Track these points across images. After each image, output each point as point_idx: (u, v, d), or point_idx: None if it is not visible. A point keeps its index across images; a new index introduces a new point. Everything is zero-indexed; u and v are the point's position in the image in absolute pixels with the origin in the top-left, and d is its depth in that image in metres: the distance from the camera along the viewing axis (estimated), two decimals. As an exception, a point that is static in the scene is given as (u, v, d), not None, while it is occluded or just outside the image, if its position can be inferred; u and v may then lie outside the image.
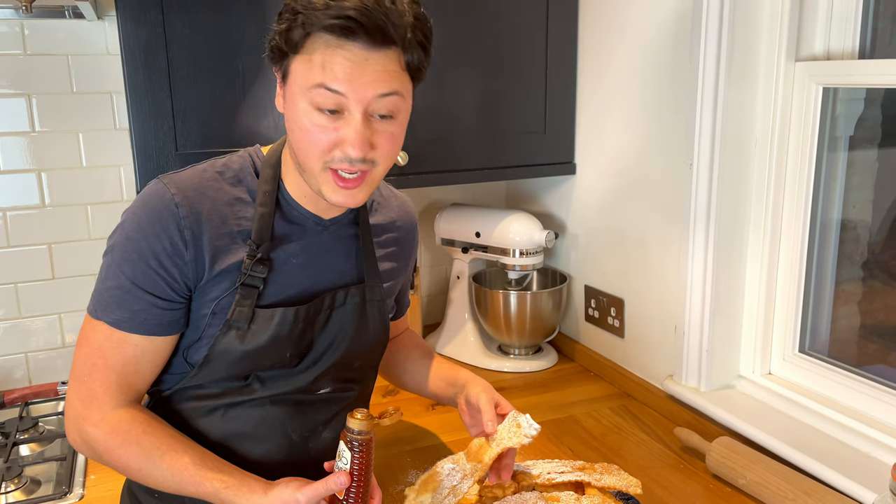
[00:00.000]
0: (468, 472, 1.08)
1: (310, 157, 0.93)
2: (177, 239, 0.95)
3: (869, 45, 1.28)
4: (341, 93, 0.89)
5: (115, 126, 1.67)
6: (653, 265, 1.56)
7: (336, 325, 1.07)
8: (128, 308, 0.96)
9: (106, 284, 0.97)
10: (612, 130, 1.64)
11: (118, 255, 0.96)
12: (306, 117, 0.91)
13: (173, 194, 0.96)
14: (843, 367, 1.32)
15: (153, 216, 0.96)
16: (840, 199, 1.37)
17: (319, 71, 0.89)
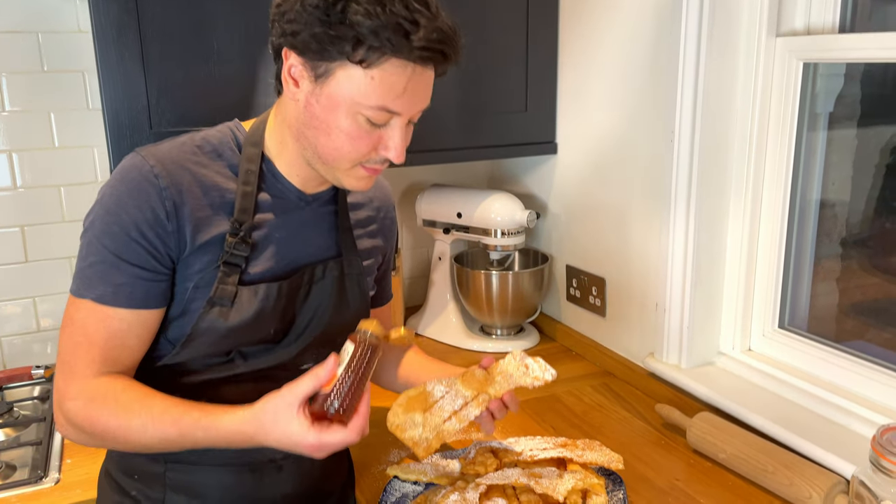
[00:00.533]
0: (470, 399, 1.03)
1: (345, 159, 0.95)
2: (159, 210, 0.94)
3: (849, 19, 1.28)
4: (399, 113, 0.92)
5: (87, 105, 1.64)
6: (634, 244, 1.55)
7: (316, 300, 1.06)
8: (111, 282, 0.94)
9: (87, 261, 0.95)
10: (594, 109, 1.63)
11: (98, 229, 0.94)
12: (351, 124, 0.91)
13: (152, 166, 0.94)
14: (823, 343, 1.33)
15: (133, 188, 0.94)
16: (819, 176, 1.37)
17: (386, 94, 0.89)
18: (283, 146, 1.00)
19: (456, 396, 1.03)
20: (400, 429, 1.01)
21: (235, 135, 1.02)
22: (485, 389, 1.04)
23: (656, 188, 1.46)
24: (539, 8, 1.67)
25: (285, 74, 0.93)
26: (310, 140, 0.95)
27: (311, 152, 0.97)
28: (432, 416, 1.01)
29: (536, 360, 1.05)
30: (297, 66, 0.91)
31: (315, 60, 0.89)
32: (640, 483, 1.19)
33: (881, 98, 1.32)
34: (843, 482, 1.09)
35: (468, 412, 1.01)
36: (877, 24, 1.27)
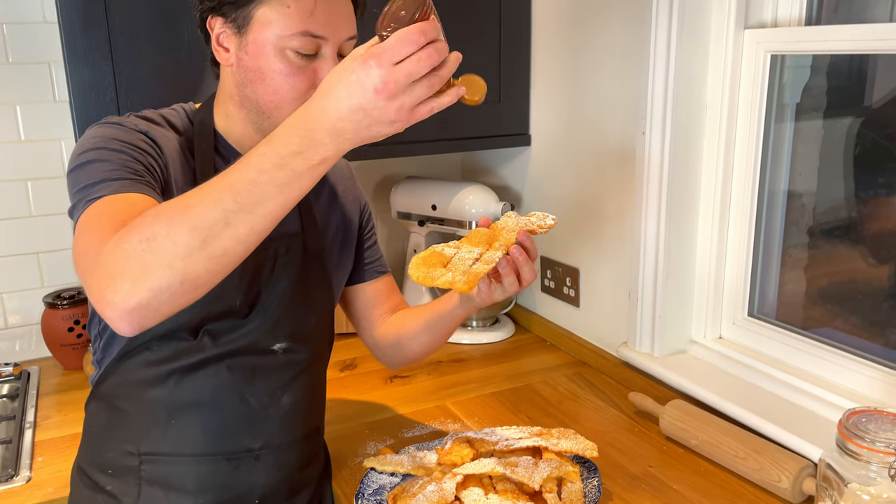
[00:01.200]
0: (484, 251, 0.96)
1: (286, 101, 0.94)
2: (153, 145, 0.94)
3: (815, 12, 1.30)
4: (323, 37, 0.92)
5: (54, 98, 1.61)
6: (607, 234, 1.57)
7: (280, 274, 1.05)
8: (122, 179, 0.85)
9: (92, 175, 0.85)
10: (566, 101, 1.64)
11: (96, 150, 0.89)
12: (281, 62, 0.92)
13: (136, 124, 0.95)
14: (791, 330, 1.36)
15: (126, 127, 0.94)
16: (787, 166, 1.39)
17: (303, 17, 0.91)
18: (230, 119, 1.02)
19: (468, 252, 0.96)
20: (428, 279, 0.92)
21: (187, 111, 1.05)
22: (493, 242, 0.99)
23: (628, 180, 1.48)
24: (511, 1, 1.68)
25: (215, 45, 0.97)
26: (250, 97, 0.96)
27: (255, 111, 0.97)
28: (456, 266, 0.93)
29: (534, 214, 1.03)
30: (222, 30, 0.96)
31: (233, 13, 0.93)
32: (614, 470, 1.21)
33: (847, 89, 1.34)
34: (811, 466, 1.11)
35: (491, 255, 0.95)
36: (842, 17, 1.29)
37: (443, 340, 1.20)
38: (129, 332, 0.73)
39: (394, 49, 0.69)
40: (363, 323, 1.26)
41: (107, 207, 0.81)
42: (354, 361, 1.66)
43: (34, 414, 1.45)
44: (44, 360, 1.68)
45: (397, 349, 1.23)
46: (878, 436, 0.88)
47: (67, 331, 1.60)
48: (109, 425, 1.04)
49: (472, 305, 1.10)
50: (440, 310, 1.16)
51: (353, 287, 1.24)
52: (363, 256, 1.24)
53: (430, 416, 1.41)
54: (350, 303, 1.26)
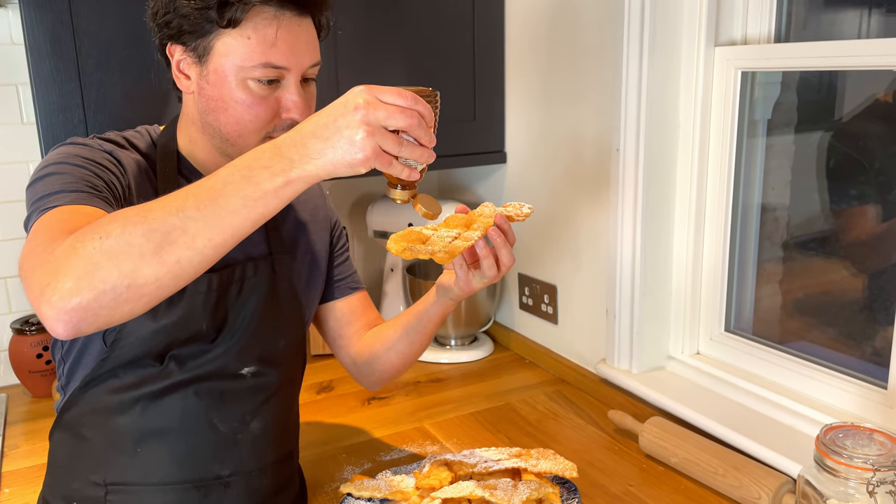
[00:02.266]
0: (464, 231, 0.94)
1: (249, 131, 0.93)
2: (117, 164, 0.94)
3: (784, 29, 1.32)
4: (285, 67, 0.92)
5: (21, 120, 1.58)
6: (583, 251, 1.57)
7: (248, 298, 1.02)
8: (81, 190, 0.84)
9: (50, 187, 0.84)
10: (541, 118, 1.64)
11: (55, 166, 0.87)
12: (243, 92, 0.92)
13: (101, 143, 0.95)
14: (767, 345, 1.36)
15: (91, 147, 0.93)
16: (760, 181, 1.41)
17: (264, 48, 0.90)
18: (194, 143, 1.01)
19: (447, 232, 0.94)
20: (409, 251, 0.90)
21: (151, 134, 1.03)
22: (470, 225, 0.96)
23: (603, 197, 1.48)
24: (485, 18, 1.68)
25: (175, 72, 0.96)
26: (212, 125, 0.95)
27: (218, 138, 0.96)
28: (434, 243, 0.91)
29: (511, 204, 1.01)
30: (182, 57, 0.95)
31: (193, 42, 0.92)
32: (594, 490, 1.20)
33: (816, 104, 1.36)
34: (790, 482, 1.11)
35: (469, 234, 0.93)
36: (811, 34, 1.31)
37: (420, 347, 1.15)
38: (65, 334, 0.70)
39: (386, 92, 0.74)
40: (338, 342, 1.23)
41: (61, 216, 0.79)
42: (331, 383, 1.64)
43: (1, 443, 1.41)
44: (11, 388, 1.64)
45: (375, 364, 1.19)
46: (856, 451, 0.88)
47: (36, 357, 1.57)
48: (74, 455, 1.01)
49: (450, 298, 1.07)
50: (416, 310, 1.12)
51: (325, 305, 1.22)
52: (334, 273, 1.21)
53: (408, 438, 1.39)
54: (324, 321, 1.23)
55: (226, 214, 0.71)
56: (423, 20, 1.61)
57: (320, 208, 1.20)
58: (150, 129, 1.05)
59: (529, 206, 1.02)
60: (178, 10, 0.91)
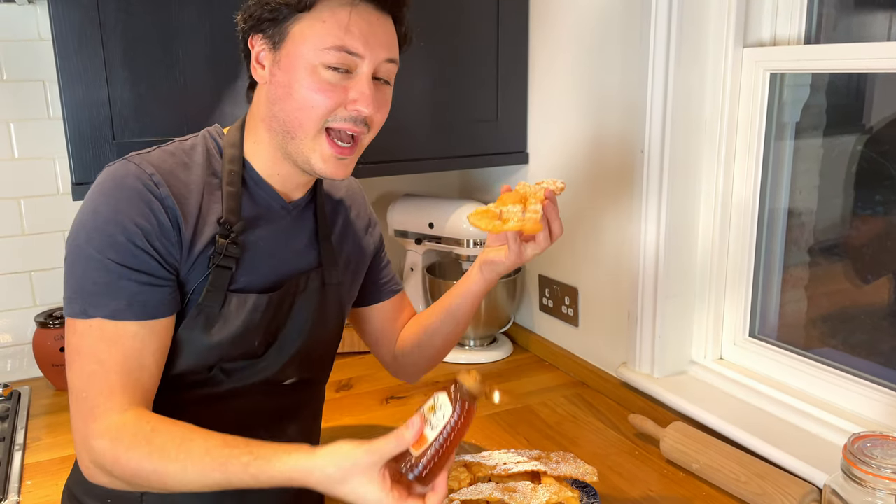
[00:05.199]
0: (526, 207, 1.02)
1: (310, 119, 0.91)
2: (163, 219, 0.90)
3: (814, 31, 1.30)
4: (359, 54, 0.90)
5: (48, 115, 1.60)
6: (606, 253, 1.55)
7: (298, 312, 1.03)
8: (123, 295, 0.88)
9: (90, 278, 0.88)
10: (564, 119, 1.63)
11: (98, 243, 0.88)
12: (313, 77, 0.90)
13: (151, 174, 0.91)
14: (793, 351, 1.34)
15: (134, 196, 0.89)
16: (787, 185, 1.38)
17: (338, 32, 0.89)
18: (259, 144, 0.98)
19: (513, 207, 1.02)
20: (497, 227, 1.01)
21: (216, 140, 1.00)
22: (524, 201, 1.03)
23: (627, 198, 1.47)
24: (509, 17, 1.67)
25: (254, 63, 0.95)
26: (278, 116, 0.93)
27: (281, 133, 0.94)
28: (509, 216, 1.01)
29: (543, 181, 1.06)
30: (260, 48, 0.94)
31: (271, 30, 0.92)
32: (614, 494, 1.18)
33: (846, 108, 1.34)
34: (815, 491, 1.09)
35: (534, 206, 1.01)
36: (841, 35, 1.28)
37: (464, 326, 1.16)
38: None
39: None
40: (381, 341, 1.23)
41: (96, 346, 0.87)
42: (350, 382, 1.64)
43: (24, 436, 1.42)
44: (35, 381, 1.66)
45: (418, 353, 1.19)
46: (885, 462, 0.86)
47: (59, 350, 1.58)
48: None
49: (496, 273, 1.09)
50: (459, 291, 1.13)
51: (369, 308, 1.21)
52: (380, 276, 1.21)
53: (426, 438, 1.38)
54: (365, 323, 1.23)
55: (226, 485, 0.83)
56: (448, 20, 1.61)
57: (362, 212, 1.18)
58: (214, 132, 1.01)
59: (562, 181, 1.05)
60: (257, 3, 0.92)
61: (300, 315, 1.04)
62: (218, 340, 0.95)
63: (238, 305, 0.96)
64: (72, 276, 0.90)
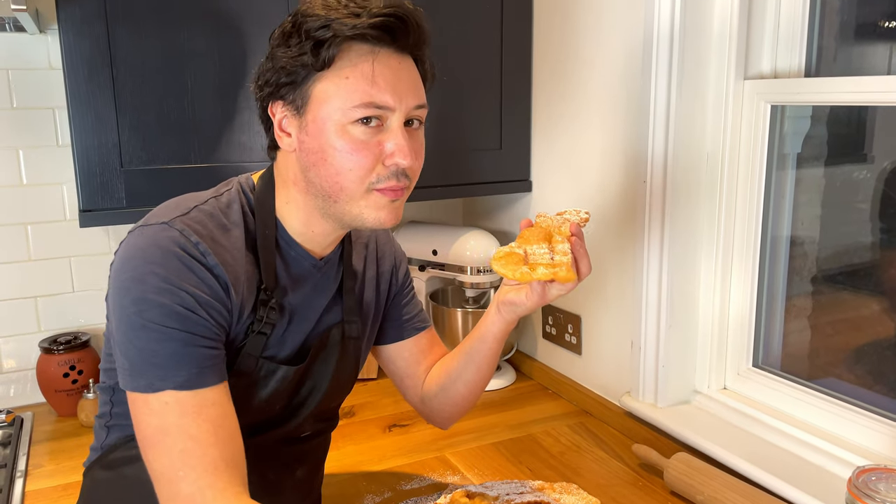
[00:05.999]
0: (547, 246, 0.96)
1: (350, 182, 0.86)
2: (216, 287, 0.86)
3: (815, 63, 1.31)
4: (388, 107, 0.86)
5: (57, 143, 1.61)
6: (609, 282, 1.56)
7: (318, 370, 1.01)
8: (194, 363, 0.83)
9: (152, 350, 0.82)
10: (568, 148, 1.65)
11: (155, 313, 0.82)
12: (345, 138, 0.85)
13: (196, 242, 0.86)
14: (796, 381, 1.34)
15: (184, 265, 0.84)
16: (789, 215, 1.39)
17: (364, 86, 0.84)
18: (291, 203, 0.94)
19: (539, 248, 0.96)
20: (526, 275, 0.94)
21: (249, 197, 0.95)
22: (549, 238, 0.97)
23: (630, 227, 1.47)
24: (513, 47, 1.69)
25: (277, 132, 0.91)
26: (314, 182, 0.89)
27: (321, 198, 0.90)
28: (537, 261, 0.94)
29: (566, 210, 1.01)
30: (283, 114, 0.90)
31: (292, 94, 0.87)
32: (617, 526, 1.18)
33: (846, 139, 1.35)
34: (820, 524, 1.08)
35: (563, 247, 0.95)
36: (841, 67, 1.30)
37: (488, 370, 1.10)
38: None
39: None
40: (406, 381, 1.18)
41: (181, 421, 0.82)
42: (353, 409, 1.64)
43: (25, 462, 1.42)
44: (38, 406, 1.65)
45: (443, 398, 1.13)
46: (889, 496, 0.86)
47: (63, 376, 1.58)
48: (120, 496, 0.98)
49: (517, 314, 1.03)
50: (477, 333, 1.08)
51: (394, 345, 1.17)
52: (403, 313, 1.16)
53: (428, 467, 1.38)
54: (392, 362, 1.18)
55: None
56: (452, 49, 1.63)
57: (388, 252, 1.14)
58: (244, 184, 0.96)
59: (586, 210, 1.00)
60: (276, 63, 0.87)
61: (320, 372, 1.02)
62: (242, 406, 0.90)
63: (267, 374, 0.94)
64: (130, 346, 0.84)
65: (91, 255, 1.68)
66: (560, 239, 0.96)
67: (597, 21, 1.52)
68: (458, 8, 1.61)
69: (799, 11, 1.30)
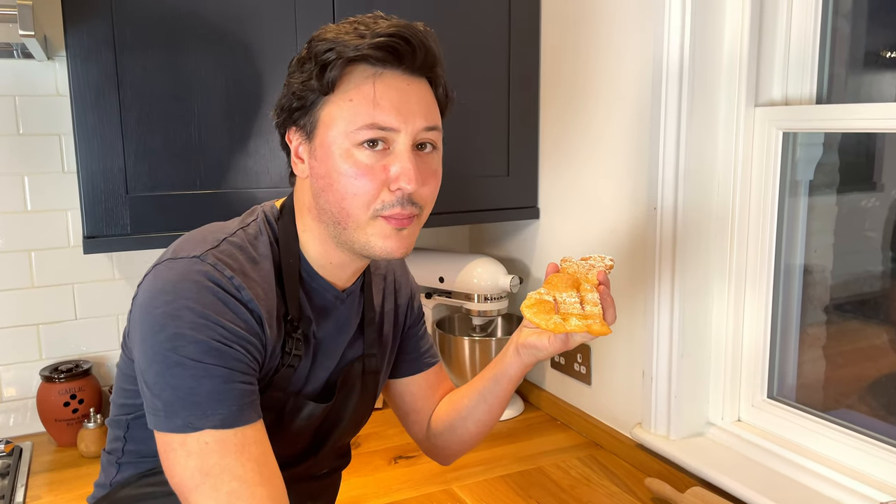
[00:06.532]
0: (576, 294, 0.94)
1: (356, 207, 0.84)
2: (251, 322, 0.83)
3: (826, 90, 1.30)
4: (392, 128, 0.83)
5: (63, 169, 1.61)
6: (619, 309, 1.52)
7: (339, 406, 0.98)
8: (233, 400, 0.80)
9: (188, 387, 0.79)
10: (576, 175, 1.63)
11: (192, 349, 0.79)
12: (349, 162, 0.83)
13: (230, 276, 0.83)
14: (813, 414, 1.30)
15: (220, 300, 0.81)
16: (802, 243, 1.37)
17: (367, 108, 0.82)
18: (309, 232, 0.92)
19: (569, 297, 0.94)
20: (560, 325, 0.91)
21: (273, 226, 0.93)
22: (577, 285, 0.95)
23: (640, 255, 1.45)
24: (521, 72, 1.69)
25: (294, 159, 0.90)
26: (324, 208, 0.87)
27: (332, 225, 0.88)
28: (568, 310, 0.92)
29: (591, 256, 0.99)
30: (298, 141, 0.89)
31: (303, 119, 0.86)
32: (631, 564, 1.14)
33: (858, 166, 1.33)
34: (842, 563, 1.04)
35: (592, 297, 0.93)
36: (851, 95, 1.29)
37: (499, 411, 1.07)
38: None
39: None
40: (411, 417, 1.15)
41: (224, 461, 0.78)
42: (358, 440, 1.60)
43: (24, 494, 1.38)
44: (37, 436, 1.62)
45: (450, 435, 1.10)
46: (917, 535, 0.82)
47: (63, 405, 1.56)
48: None
49: (535, 358, 0.99)
50: (493, 373, 1.03)
51: (402, 380, 1.13)
52: (414, 347, 1.13)
53: (435, 501, 1.35)
54: (398, 396, 1.15)
55: None
56: (459, 76, 1.62)
57: (404, 288, 1.12)
58: (269, 212, 0.94)
59: (610, 257, 0.99)
60: (290, 89, 0.87)
61: (341, 409, 0.99)
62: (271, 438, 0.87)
63: (293, 410, 0.92)
64: (163, 388, 0.79)
65: (94, 282, 1.66)
66: (589, 287, 0.94)
67: (606, 47, 1.51)
68: (466, 34, 1.61)
69: (809, 38, 1.29)
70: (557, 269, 0.98)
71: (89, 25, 1.28)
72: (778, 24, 1.32)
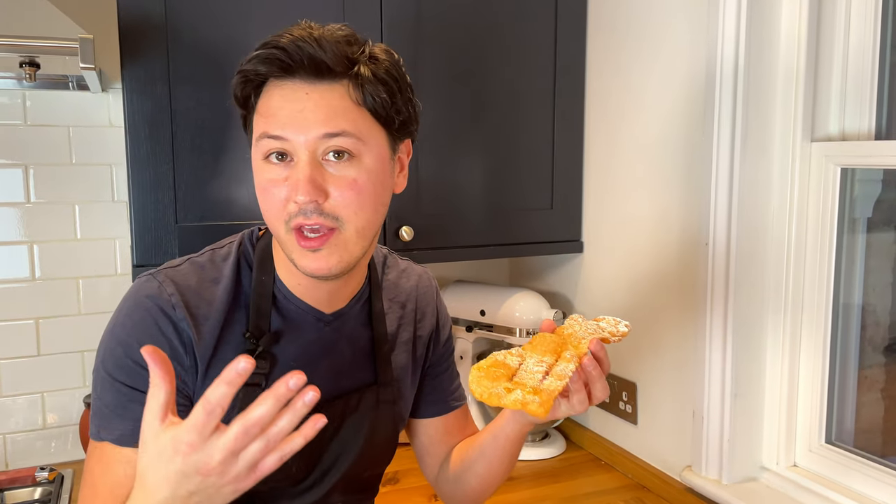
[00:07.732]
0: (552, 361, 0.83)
1: (271, 220, 0.84)
2: (175, 343, 0.85)
3: (885, 124, 1.27)
4: (283, 137, 0.80)
5: (113, 198, 1.63)
6: (667, 348, 1.49)
7: (347, 434, 0.95)
8: (130, 420, 0.83)
9: (103, 400, 0.85)
10: (622, 208, 1.61)
11: (111, 364, 0.84)
12: (260, 175, 0.84)
13: (170, 294, 0.85)
14: (871, 459, 1.25)
15: (147, 318, 0.84)
16: (860, 281, 1.33)
17: (266, 119, 0.82)
18: (277, 252, 0.91)
19: (536, 364, 0.82)
20: (494, 396, 0.79)
21: (248, 248, 0.93)
22: (561, 350, 0.85)
23: (690, 292, 1.42)
24: (565, 105, 1.68)
25: None
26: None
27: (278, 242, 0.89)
28: (523, 379, 0.80)
29: (604, 318, 0.90)
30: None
31: (250, 137, 0.87)
32: None
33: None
34: None
35: (563, 368, 0.81)
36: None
37: (499, 469, 1.02)
38: None
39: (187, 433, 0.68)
40: (426, 459, 1.12)
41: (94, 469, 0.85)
42: (396, 475, 1.58)
43: (64, 522, 1.38)
44: (79, 463, 1.63)
45: (457, 484, 1.07)
46: None
47: (105, 433, 1.56)
48: None
49: (527, 422, 0.95)
50: (492, 427, 1.01)
51: (423, 420, 1.10)
52: (434, 387, 1.09)
53: (479, 541, 1.31)
54: (415, 436, 1.12)
55: None
56: (504, 110, 1.62)
57: (428, 318, 1.08)
58: (245, 238, 0.94)
59: (626, 323, 0.90)
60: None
61: (350, 437, 0.96)
62: None
63: None
64: (93, 392, 0.88)
65: (139, 311, 1.68)
66: (569, 357, 0.83)
67: (652, 77, 1.50)
68: (511, 65, 1.61)
69: (868, 72, 1.26)
70: (553, 327, 0.90)
71: (146, 60, 1.31)
72: (834, 57, 1.29)
